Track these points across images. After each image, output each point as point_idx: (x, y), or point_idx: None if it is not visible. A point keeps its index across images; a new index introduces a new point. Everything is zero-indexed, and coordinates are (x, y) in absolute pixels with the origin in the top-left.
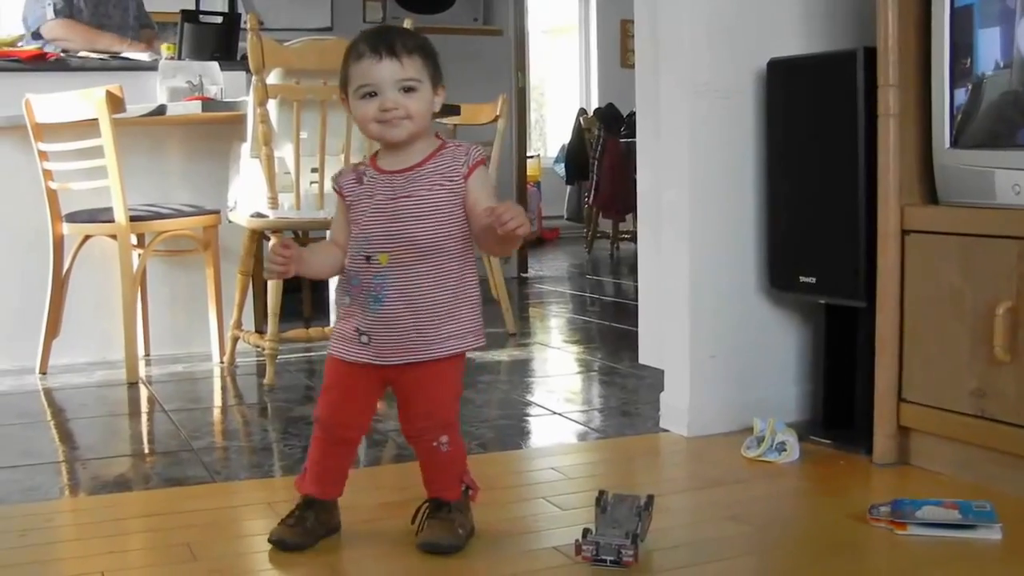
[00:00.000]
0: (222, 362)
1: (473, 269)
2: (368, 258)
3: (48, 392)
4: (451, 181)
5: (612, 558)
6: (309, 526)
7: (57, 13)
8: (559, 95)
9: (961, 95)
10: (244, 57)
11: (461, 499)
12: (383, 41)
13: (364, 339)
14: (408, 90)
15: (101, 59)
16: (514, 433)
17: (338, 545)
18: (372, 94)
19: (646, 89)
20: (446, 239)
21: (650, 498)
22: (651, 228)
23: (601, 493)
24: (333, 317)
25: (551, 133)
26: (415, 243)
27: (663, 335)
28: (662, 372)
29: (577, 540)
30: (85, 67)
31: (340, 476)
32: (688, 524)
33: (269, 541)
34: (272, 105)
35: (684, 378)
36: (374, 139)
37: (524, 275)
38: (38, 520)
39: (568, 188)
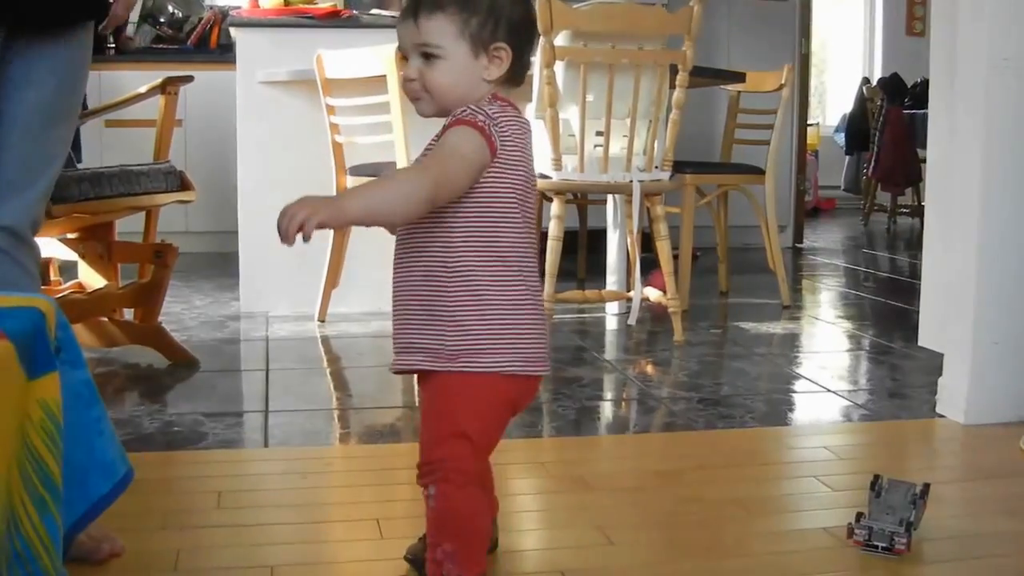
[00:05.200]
0: None
1: (496, 275)
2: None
3: (326, 340)
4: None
5: (884, 544)
6: None
7: None
8: (841, 62)
9: None
10: None
11: None
12: None
13: None
14: (427, 57)
15: (391, 16)
16: (785, 408)
17: (604, 510)
18: (405, 57)
19: (941, 60)
20: (423, 223)
21: (926, 486)
22: (939, 206)
23: (876, 477)
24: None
25: (831, 101)
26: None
27: (945, 317)
28: (936, 355)
29: (850, 523)
30: (374, 24)
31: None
32: (961, 516)
33: None
34: (559, 67)
35: (965, 364)
36: None
37: (799, 246)
38: (318, 464)
39: (847, 158)
